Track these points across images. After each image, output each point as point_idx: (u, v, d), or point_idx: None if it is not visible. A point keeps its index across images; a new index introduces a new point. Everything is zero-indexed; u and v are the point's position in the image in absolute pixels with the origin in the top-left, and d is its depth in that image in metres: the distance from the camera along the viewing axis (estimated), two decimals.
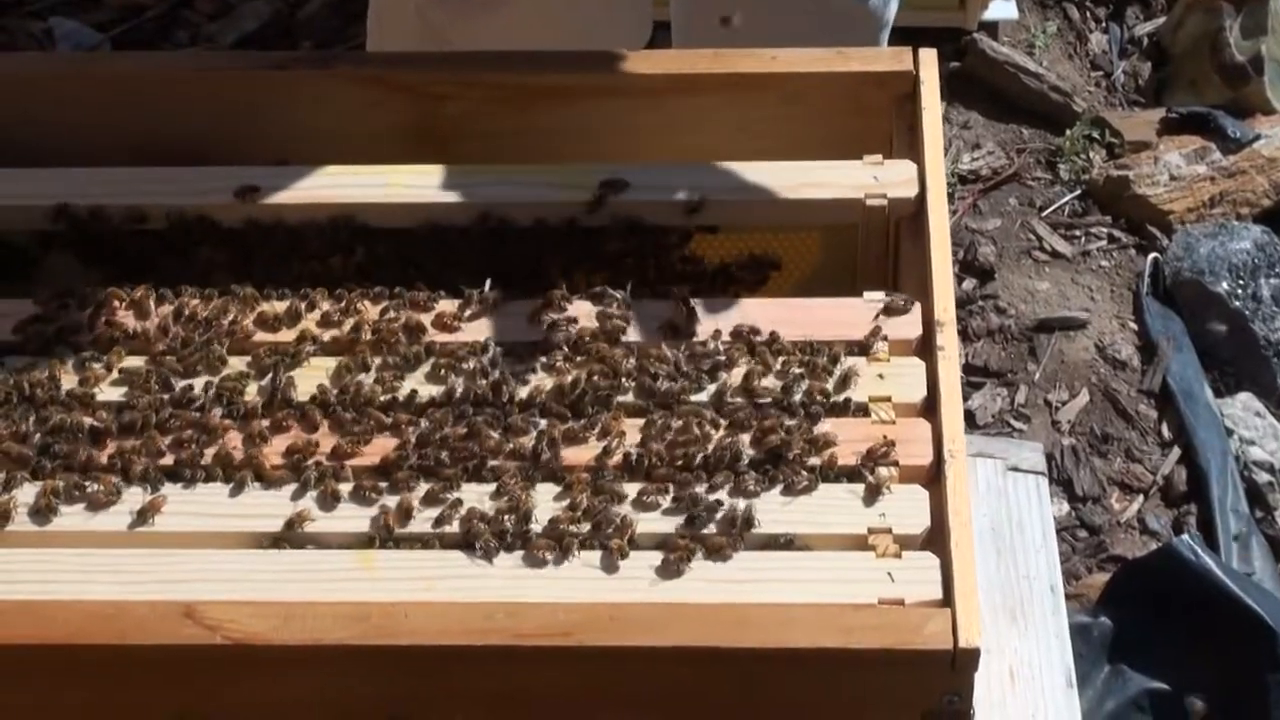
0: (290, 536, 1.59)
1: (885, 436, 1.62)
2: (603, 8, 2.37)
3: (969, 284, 3.21)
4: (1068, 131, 3.46)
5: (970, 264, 3.23)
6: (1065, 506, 2.85)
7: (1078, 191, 3.37)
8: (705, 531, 1.56)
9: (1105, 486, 2.90)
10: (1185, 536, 2.64)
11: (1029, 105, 3.52)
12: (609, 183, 1.83)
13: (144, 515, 1.61)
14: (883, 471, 1.60)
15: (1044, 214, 3.34)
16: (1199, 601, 2.55)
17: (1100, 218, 3.33)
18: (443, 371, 1.70)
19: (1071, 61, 3.65)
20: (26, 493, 1.62)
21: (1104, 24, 3.71)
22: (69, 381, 1.70)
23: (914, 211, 1.81)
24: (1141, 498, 2.89)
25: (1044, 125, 3.51)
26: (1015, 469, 2.31)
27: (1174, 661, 2.53)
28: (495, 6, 2.31)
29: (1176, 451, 2.94)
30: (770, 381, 1.67)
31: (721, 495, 1.59)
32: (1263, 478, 2.87)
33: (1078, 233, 3.31)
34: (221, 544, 1.60)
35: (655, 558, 1.55)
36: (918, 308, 1.73)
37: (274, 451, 1.65)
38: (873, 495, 1.59)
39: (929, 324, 1.71)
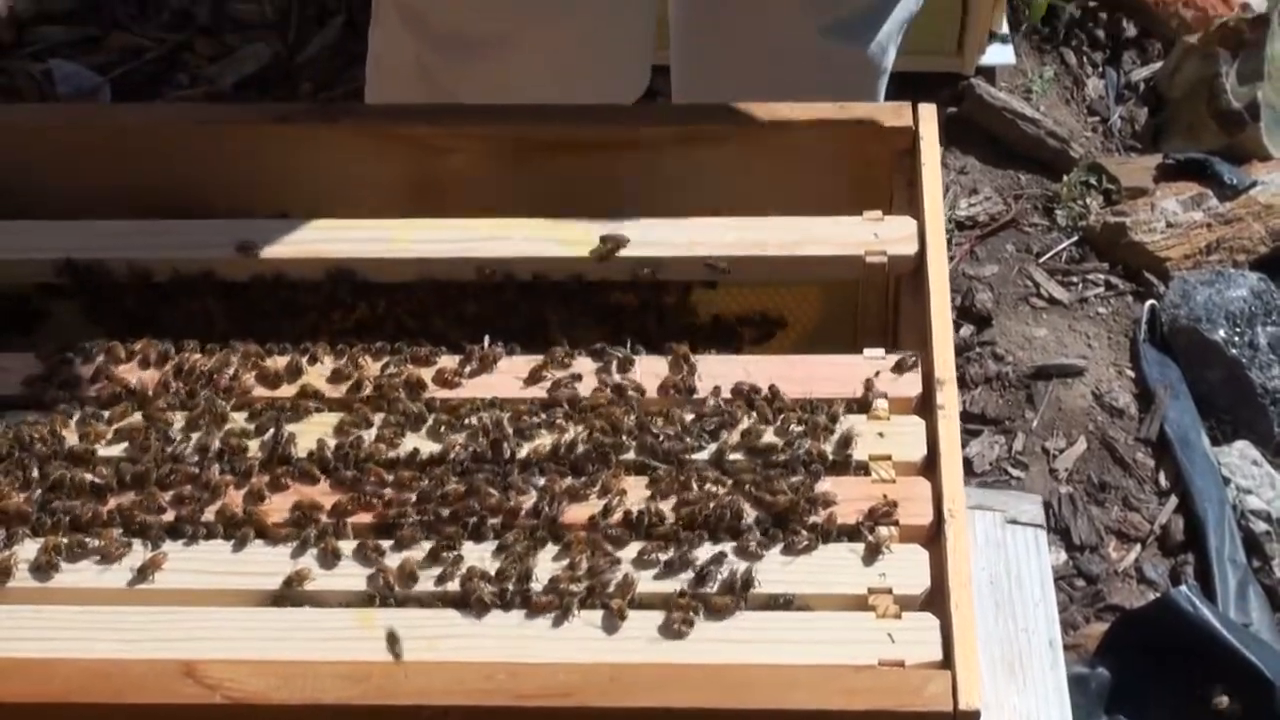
0: (290, 595, 1.59)
1: (885, 495, 1.63)
2: (602, 55, 2.37)
3: (966, 330, 3.22)
4: (1065, 177, 3.47)
5: (967, 310, 3.24)
6: (1063, 555, 2.85)
7: (1075, 238, 3.38)
8: (706, 591, 1.56)
9: (1103, 535, 2.90)
10: (1183, 587, 2.64)
11: (1026, 151, 3.53)
12: (609, 238, 1.84)
13: (144, 572, 1.60)
14: (883, 531, 1.60)
15: (1041, 260, 3.35)
16: (1197, 653, 2.55)
17: (1097, 264, 3.34)
18: (443, 429, 1.70)
19: (1068, 106, 3.66)
20: (28, 549, 1.62)
21: (1101, 69, 3.72)
22: (70, 437, 1.70)
23: (914, 268, 1.82)
24: (1139, 547, 2.89)
25: (1041, 171, 3.52)
26: (1014, 521, 2.31)
27: (1171, 713, 2.53)
28: (495, 54, 2.32)
29: (1174, 500, 2.94)
30: (771, 439, 1.67)
31: (722, 554, 1.58)
32: (1260, 527, 2.87)
33: (1075, 279, 3.32)
34: (222, 601, 1.59)
35: (656, 617, 1.55)
36: (918, 365, 1.73)
37: (274, 509, 1.65)
38: (873, 555, 1.59)
39: (929, 382, 1.71)
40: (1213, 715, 2.52)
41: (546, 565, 1.59)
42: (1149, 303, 3.23)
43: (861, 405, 1.71)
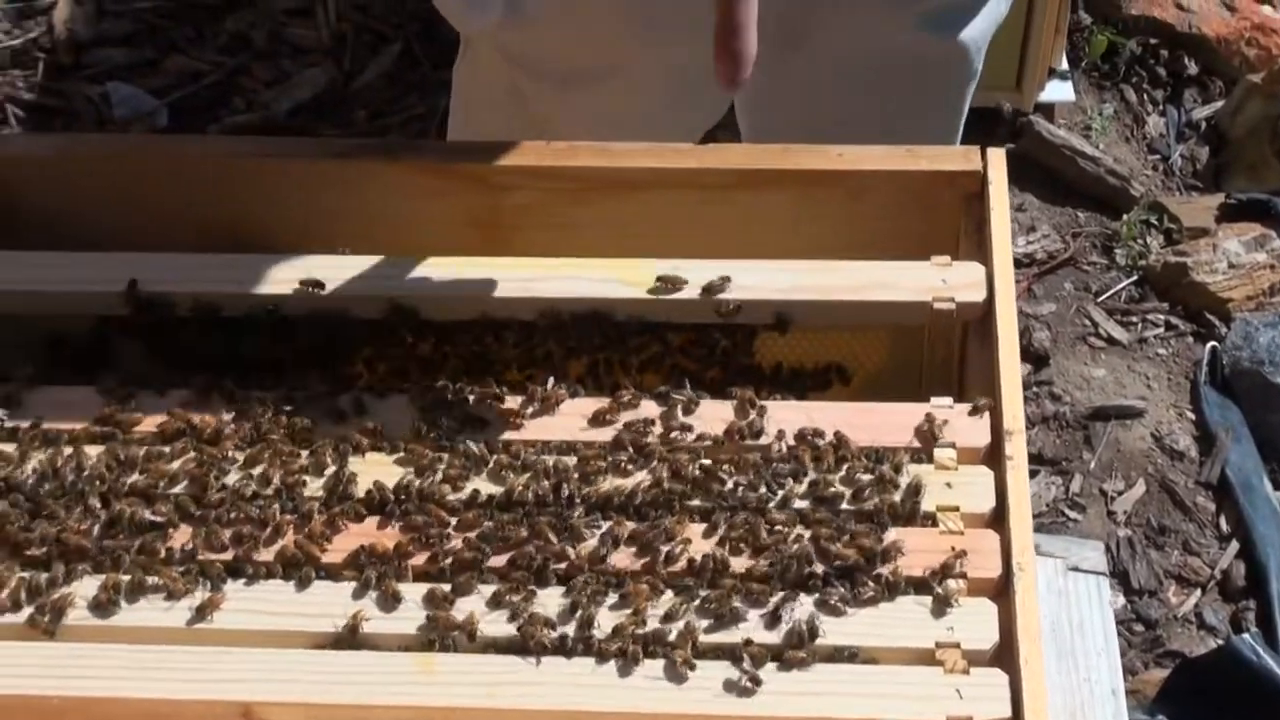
0: (349, 637, 1.57)
1: (953, 548, 1.60)
2: (689, 82, 2.36)
3: (1023, 370, 3.18)
4: (1124, 216, 3.45)
5: (1025, 349, 3.21)
6: (1121, 599, 2.82)
7: (1134, 277, 3.36)
8: (771, 642, 1.54)
9: (1162, 579, 2.87)
10: (1246, 636, 2.61)
11: (1085, 188, 3.51)
12: (670, 279, 1.82)
13: (203, 611, 1.59)
14: (951, 584, 1.58)
15: (1100, 299, 3.33)
16: (1259, 703, 2.51)
17: (1157, 304, 3.31)
18: (504, 471, 1.68)
19: (1128, 144, 3.64)
20: (87, 585, 1.61)
21: (1161, 107, 3.70)
22: (131, 473, 1.69)
23: (982, 315, 1.79)
24: (1199, 592, 2.86)
25: (1100, 209, 3.50)
26: (1076, 569, 2.28)
27: None
28: (590, 85, 2.31)
29: (1235, 545, 2.91)
30: (837, 488, 1.65)
31: (788, 605, 1.56)
32: None
33: (1134, 319, 3.29)
34: (280, 643, 1.58)
35: (721, 668, 1.52)
36: (986, 415, 1.71)
37: (334, 549, 1.63)
38: (940, 608, 1.57)
39: (997, 432, 1.68)
40: None
41: (609, 612, 1.57)
42: (1210, 344, 3.20)
43: (928, 455, 1.68)
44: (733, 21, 1.61)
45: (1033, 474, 3.02)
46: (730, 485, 1.65)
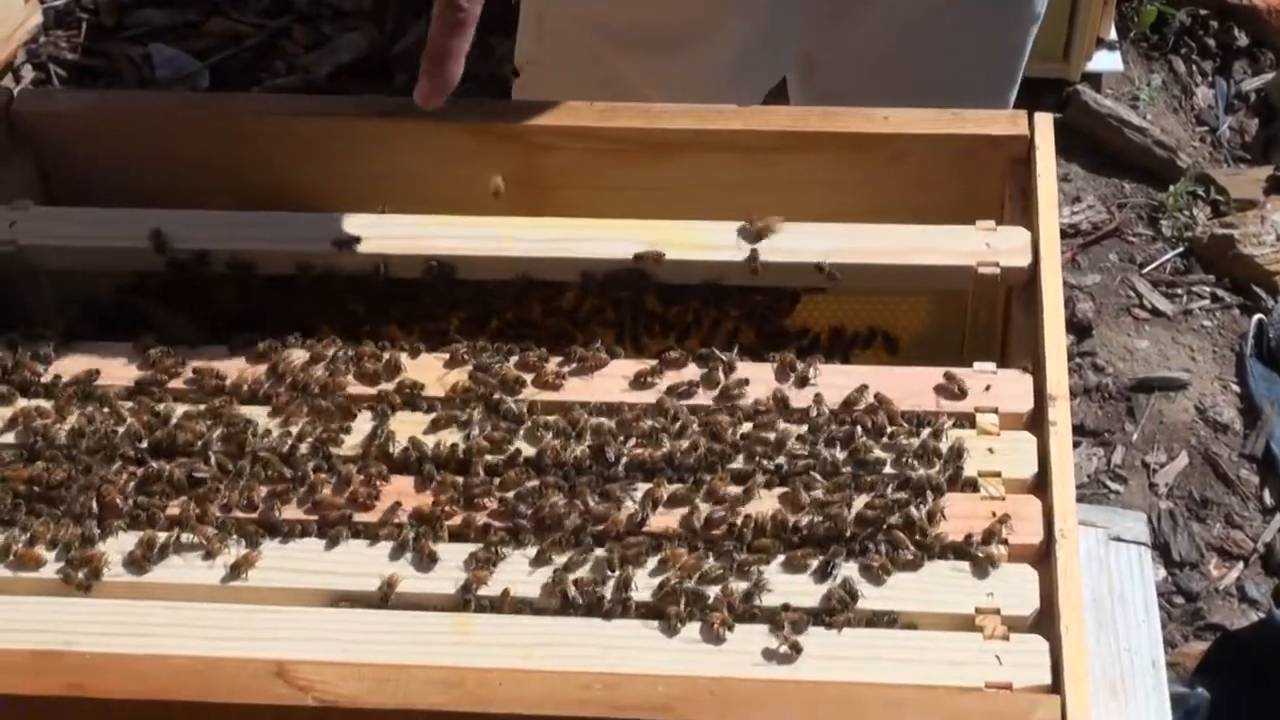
0: (386, 596, 1.56)
1: (995, 513, 1.58)
2: (765, 45, 2.35)
3: (1066, 340, 3.16)
4: (1171, 187, 3.41)
5: (1068, 320, 3.17)
6: (1162, 572, 2.80)
7: (1180, 249, 3.33)
8: (811, 606, 1.52)
9: (1203, 552, 2.85)
10: None
11: (1131, 159, 3.48)
12: (715, 240, 1.80)
13: (238, 570, 1.58)
14: (992, 549, 1.56)
15: (1145, 271, 3.30)
16: None
17: (1203, 276, 3.28)
18: (542, 431, 1.67)
19: (1176, 115, 3.60)
20: (122, 543, 1.60)
21: (1210, 78, 3.66)
22: (167, 431, 1.68)
23: (1027, 280, 1.77)
24: (1241, 565, 2.84)
25: (1147, 180, 3.47)
26: (1118, 539, 2.26)
27: None
28: (673, 52, 2.30)
29: (1278, 518, 2.88)
30: (880, 453, 1.64)
31: (828, 569, 1.55)
32: None
33: (1179, 291, 3.26)
34: (315, 601, 1.57)
35: (760, 631, 1.51)
36: (1029, 380, 1.69)
37: (371, 508, 1.62)
38: (981, 574, 1.55)
39: (1041, 397, 1.66)
40: None
41: (647, 574, 1.55)
42: (1256, 317, 3.17)
43: (971, 420, 1.67)
44: (444, 49, 1.68)
45: (1074, 445, 2.98)
46: (772, 448, 1.64)
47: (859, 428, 1.65)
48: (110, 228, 1.86)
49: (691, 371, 1.72)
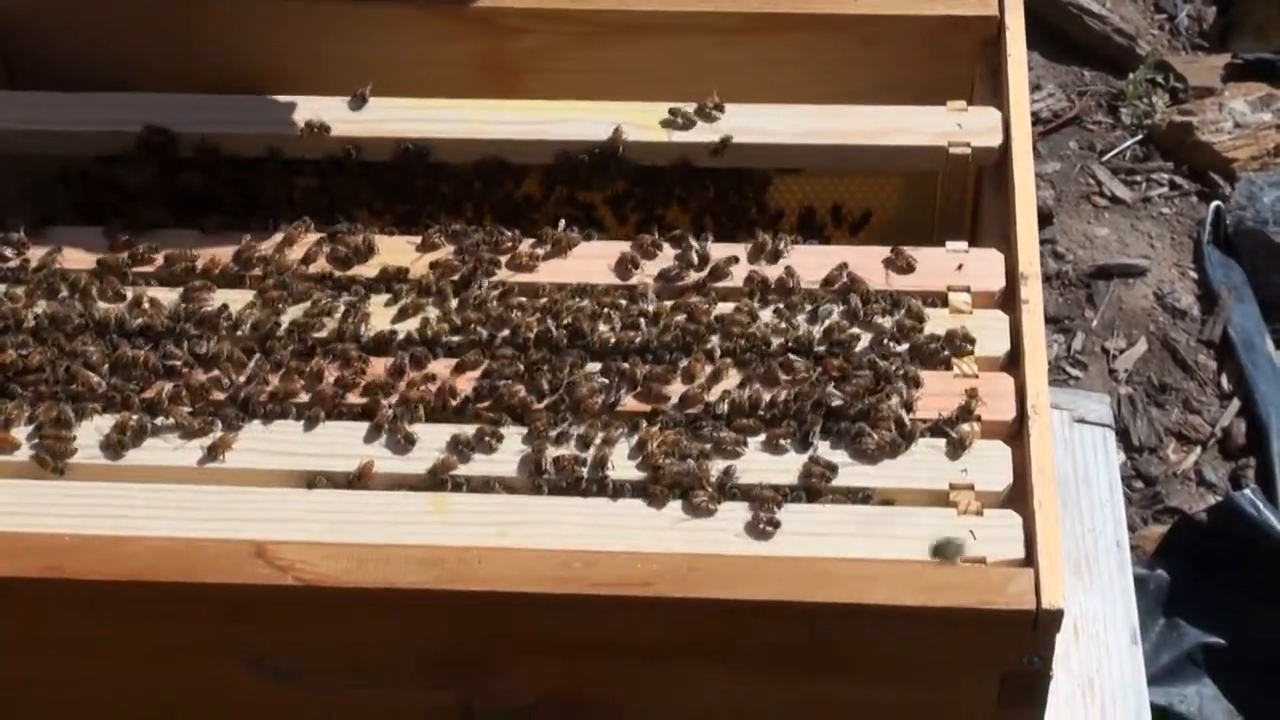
0: (363, 477, 1.56)
1: (968, 390, 1.60)
2: None
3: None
4: (1130, 75, 3.41)
5: None
6: (1122, 456, 2.81)
7: (1139, 136, 3.33)
8: (788, 483, 1.54)
9: (1162, 437, 2.87)
10: (1246, 491, 2.61)
11: (1091, 47, 3.47)
12: (685, 120, 1.80)
13: (214, 452, 1.58)
14: (965, 427, 1.57)
15: (1104, 159, 3.30)
16: (1258, 556, 2.52)
17: (1162, 164, 3.29)
18: (515, 312, 1.67)
19: (1135, 3, 3.59)
20: (98, 424, 1.60)
21: None
22: (140, 314, 1.68)
23: (997, 161, 1.78)
24: (1199, 449, 2.86)
25: (1106, 68, 3.46)
26: (1082, 420, 2.28)
27: (1231, 616, 2.51)
28: None
29: (1236, 403, 2.90)
30: (854, 331, 1.64)
31: (804, 446, 1.56)
32: None
33: (1138, 178, 3.27)
34: (292, 482, 1.57)
35: (738, 508, 1.52)
36: (1001, 259, 1.70)
37: (346, 390, 1.62)
38: (955, 450, 1.56)
39: (1012, 276, 1.67)
40: (1272, 618, 2.49)
41: (625, 453, 1.56)
42: (1214, 204, 3.18)
43: (943, 299, 1.68)
44: None
45: None
46: (747, 328, 1.64)
47: (834, 306, 1.66)
48: (76, 111, 1.85)
49: (666, 252, 1.72)
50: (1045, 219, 3.17)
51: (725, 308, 1.66)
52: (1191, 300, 3.06)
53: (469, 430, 1.58)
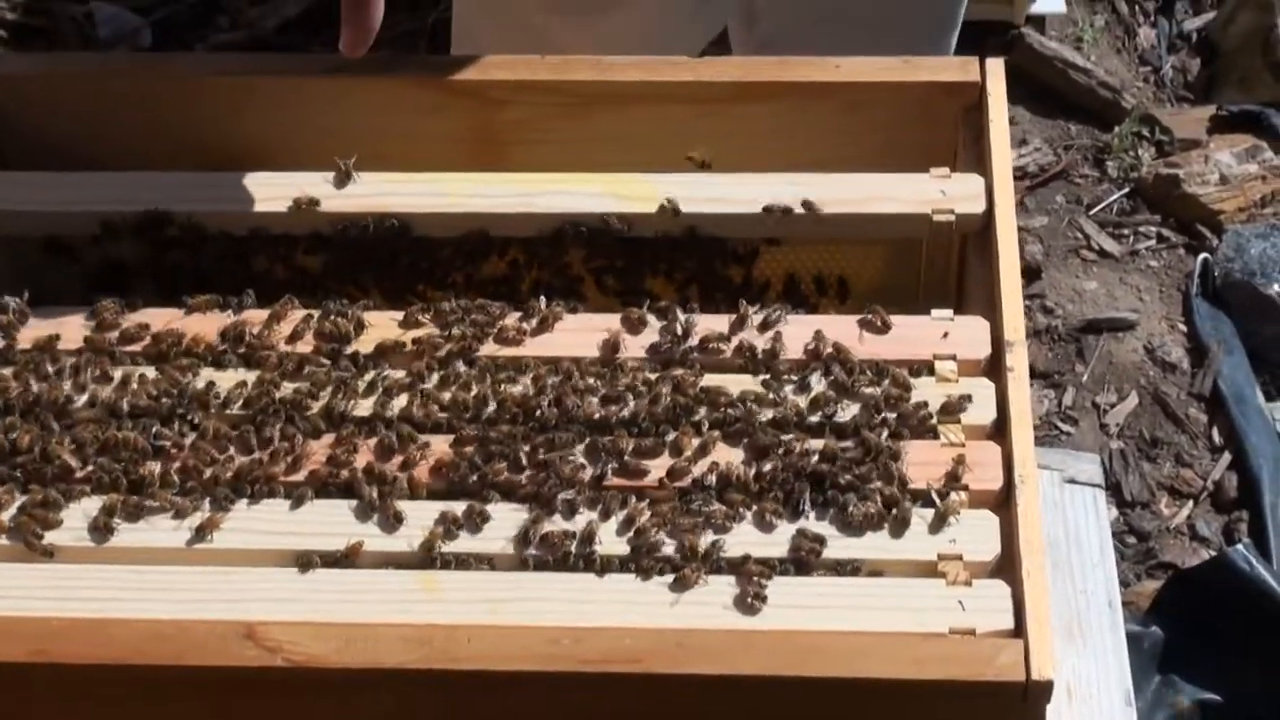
0: (352, 556, 1.56)
1: (955, 459, 1.60)
2: (702, 3, 2.35)
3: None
4: (1116, 128, 3.43)
5: None
6: (1114, 511, 2.82)
7: (1126, 189, 3.35)
8: (777, 556, 1.54)
9: (1154, 491, 2.88)
10: (1239, 546, 2.62)
11: (1077, 101, 3.50)
12: (670, 195, 1.81)
13: (202, 532, 1.58)
14: (953, 496, 1.58)
15: (1092, 212, 3.32)
16: (1252, 612, 2.52)
17: (1149, 216, 3.30)
18: (503, 387, 1.67)
19: (1120, 56, 3.62)
20: (86, 506, 1.60)
21: (1153, 18, 3.68)
22: (123, 394, 1.68)
23: (981, 227, 1.78)
24: (1191, 503, 2.87)
25: (1092, 121, 3.48)
26: (1072, 481, 2.28)
27: (1226, 673, 2.51)
28: (607, 9, 2.29)
29: (1227, 457, 2.91)
30: (841, 402, 1.64)
31: (792, 519, 1.56)
32: None
33: (1126, 231, 3.28)
34: (281, 562, 1.57)
35: (726, 582, 1.52)
36: (987, 326, 1.70)
37: (337, 469, 1.62)
38: (942, 520, 1.56)
39: (998, 344, 1.68)
40: (1267, 674, 2.49)
41: (613, 528, 1.56)
42: (1202, 256, 3.19)
43: (929, 368, 1.68)
44: None
45: None
46: (734, 400, 1.64)
47: (821, 377, 1.66)
48: (64, 191, 1.85)
49: (652, 324, 1.72)
50: (1034, 274, 3.19)
51: (712, 380, 1.67)
52: (1181, 353, 3.07)
53: (458, 508, 1.58)
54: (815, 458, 1.60)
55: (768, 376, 1.67)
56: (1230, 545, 2.68)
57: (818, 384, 1.66)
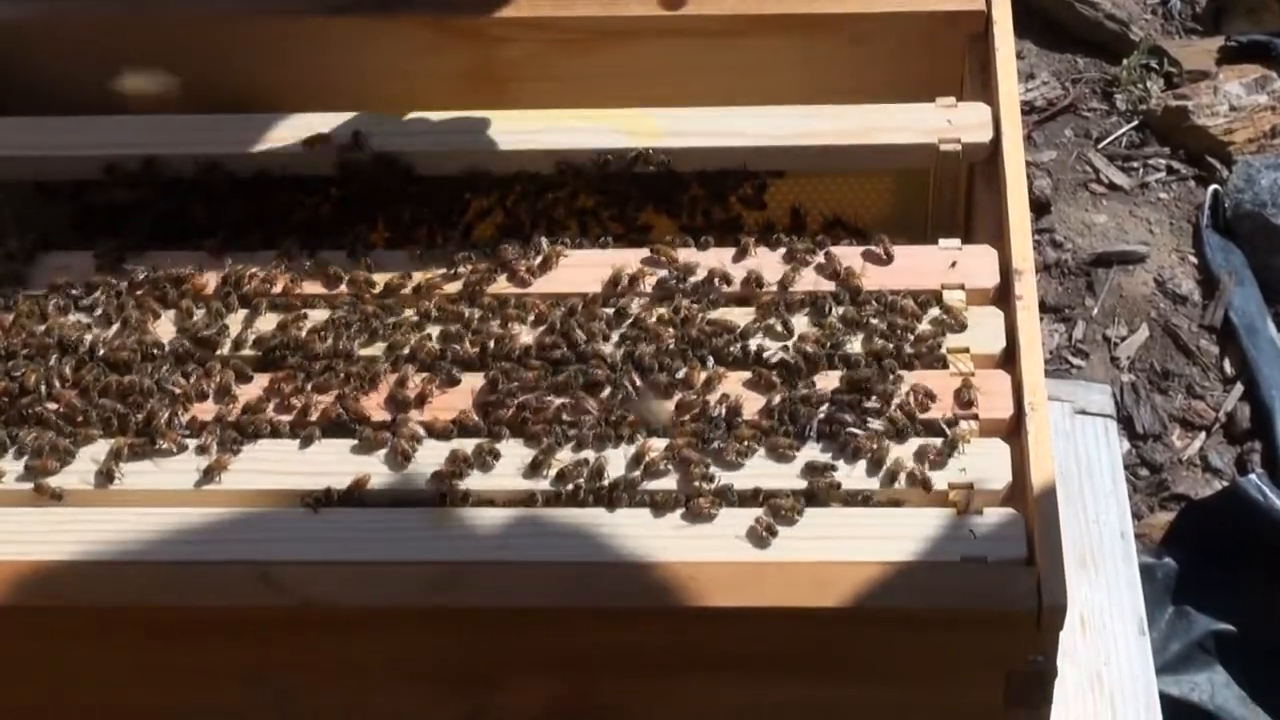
0: (362, 494, 1.56)
1: (964, 388, 1.59)
2: None
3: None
4: (1124, 61, 3.40)
5: None
6: (1126, 444, 2.80)
7: (1135, 122, 3.31)
8: (788, 488, 1.53)
9: (1166, 424, 2.86)
10: (1252, 476, 2.60)
11: (1084, 34, 3.46)
12: (674, 127, 1.79)
13: (210, 474, 1.58)
14: (963, 425, 1.57)
15: (1100, 145, 3.29)
16: (1266, 542, 2.51)
17: (1158, 149, 3.28)
18: (512, 324, 1.66)
19: None
20: (91, 451, 1.59)
21: None
22: (130, 338, 1.67)
23: (988, 156, 1.77)
24: (1204, 435, 2.85)
25: (1099, 54, 3.45)
26: (1083, 412, 2.27)
27: (1240, 602, 2.50)
28: None
29: (1239, 387, 2.89)
30: (850, 331, 1.64)
31: (803, 450, 1.55)
32: None
33: (1135, 164, 3.26)
34: (290, 502, 1.57)
35: (737, 515, 1.52)
36: (994, 255, 1.69)
37: (345, 408, 1.62)
38: (952, 449, 1.56)
39: (1006, 272, 1.67)
40: None
41: (623, 463, 1.56)
42: (1212, 187, 3.16)
43: (937, 297, 1.67)
44: None
45: None
46: (743, 333, 1.64)
47: (832, 309, 1.65)
48: (69, 135, 1.85)
49: (658, 260, 1.71)
50: (1043, 208, 3.16)
51: (720, 313, 1.66)
52: (1192, 285, 3.05)
53: (468, 446, 1.57)
54: (824, 389, 1.59)
55: (777, 308, 1.66)
56: (1243, 476, 2.67)
57: (826, 315, 1.65)
